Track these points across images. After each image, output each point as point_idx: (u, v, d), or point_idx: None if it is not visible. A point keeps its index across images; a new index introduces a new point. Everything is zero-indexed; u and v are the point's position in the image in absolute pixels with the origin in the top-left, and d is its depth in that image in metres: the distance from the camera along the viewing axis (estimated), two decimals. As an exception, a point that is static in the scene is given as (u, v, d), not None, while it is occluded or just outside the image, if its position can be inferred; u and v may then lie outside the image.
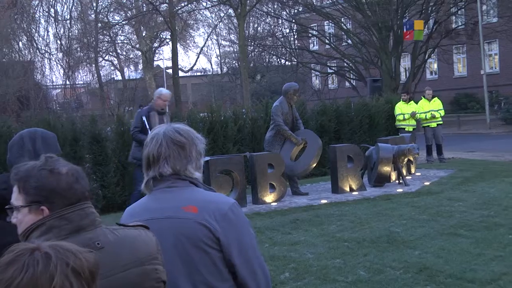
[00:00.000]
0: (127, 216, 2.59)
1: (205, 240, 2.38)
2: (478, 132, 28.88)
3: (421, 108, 15.49)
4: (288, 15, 37.17)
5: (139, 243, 2.03)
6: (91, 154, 12.01)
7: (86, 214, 1.97)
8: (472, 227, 7.77)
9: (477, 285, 5.53)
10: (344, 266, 6.41)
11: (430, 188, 10.89)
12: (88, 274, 1.37)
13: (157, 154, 2.52)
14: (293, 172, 10.90)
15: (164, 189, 2.51)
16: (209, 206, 2.44)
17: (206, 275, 2.40)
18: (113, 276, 1.89)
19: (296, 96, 10.82)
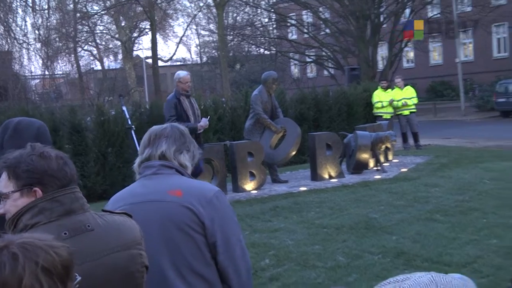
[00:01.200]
0: (114, 201, 2.61)
1: (189, 223, 2.40)
2: (454, 119, 29.12)
3: (394, 96, 15.58)
4: (267, 5, 37.08)
5: (125, 228, 2.05)
6: (71, 144, 11.90)
7: (76, 198, 1.98)
8: (448, 212, 7.85)
9: (453, 268, 5.59)
10: (324, 252, 6.44)
11: (407, 175, 10.97)
12: (61, 269, 1.33)
13: (159, 133, 2.60)
14: (272, 160, 10.92)
15: (150, 175, 2.54)
16: (194, 191, 2.46)
17: (189, 259, 2.41)
18: (102, 258, 1.90)
19: (275, 85, 10.81)
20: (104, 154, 11.94)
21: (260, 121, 10.57)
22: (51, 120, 11.82)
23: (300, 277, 5.71)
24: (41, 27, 38.50)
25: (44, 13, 38.70)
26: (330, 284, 5.51)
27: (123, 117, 9.76)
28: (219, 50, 34.91)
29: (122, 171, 11.98)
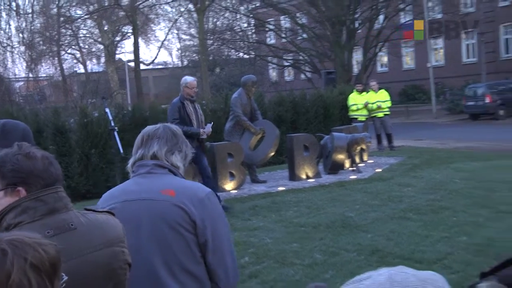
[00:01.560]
0: (106, 198, 2.60)
1: (181, 222, 2.39)
2: (425, 121, 29.33)
3: (369, 100, 15.67)
4: (246, 10, 37.07)
5: (108, 226, 2.04)
6: (55, 145, 11.83)
7: (60, 197, 1.96)
8: (420, 211, 7.90)
9: (424, 264, 5.64)
10: (301, 249, 6.46)
11: (382, 175, 11.02)
12: (49, 267, 1.32)
13: (152, 134, 2.58)
14: (252, 161, 10.92)
15: (144, 174, 2.52)
16: (186, 191, 2.45)
17: (180, 257, 2.40)
18: (85, 255, 1.89)
19: (254, 88, 10.81)
20: (87, 155, 11.86)
21: (240, 123, 10.56)
22: (35, 121, 11.72)
23: (279, 274, 5.72)
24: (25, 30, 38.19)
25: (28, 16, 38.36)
26: (307, 281, 5.51)
27: (106, 119, 9.70)
28: (200, 54, 34.83)
29: (105, 172, 11.92)
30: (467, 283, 1.12)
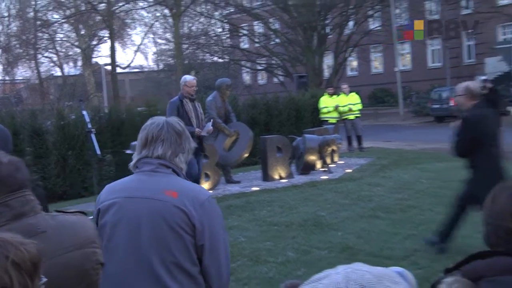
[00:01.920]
0: (108, 192, 2.56)
1: (181, 224, 2.37)
2: (393, 123, 29.56)
3: (340, 102, 15.76)
4: (220, 16, 37.01)
5: (78, 228, 2.01)
6: (32, 147, 11.68)
7: (27, 201, 1.92)
8: (389, 210, 7.96)
9: (393, 261, 5.67)
10: (275, 248, 6.46)
11: (352, 175, 11.07)
12: (30, 265, 1.30)
13: (156, 135, 2.51)
14: (226, 162, 10.90)
15: (148, 172, 2.48)
16: (188, 193, 2.43)
17: (178, 257, 2.39)
18: (55, 258, 1.86)
19: (228, 91, 10.79)
20: (64, 156, 11.73)
21: (215, 125, 10.54)
22: (12, 124, 11.53)
23: (253, 272, 5.71)
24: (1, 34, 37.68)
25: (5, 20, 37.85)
26: (280, 278, 5.52)
27: (83, 121, 9.57)
28: (175, 58, 34.68)
29: (82, 173, 11.80)
30: (433, 278, 1.14)
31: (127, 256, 2.41)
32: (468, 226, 6.96)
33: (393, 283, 1.05)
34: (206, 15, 36.67)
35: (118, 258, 2.41)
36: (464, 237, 6.54)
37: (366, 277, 1.04)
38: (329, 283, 1.04)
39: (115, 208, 2.46)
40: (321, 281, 1.06)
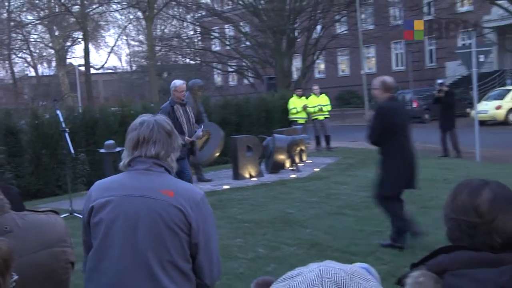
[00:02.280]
0: (101, 189, 2.50)
1: (178, 222, 2.36)
2: (359, 124, 29.71)
3: (310, 103, 15.85)
4: (192, 19, 36.82)
5: (47, 227, 1.97)
6: (6, 145, 11.50)
7: None
8: (355, 207, 8.02)
9: (359, 257, 5.71)
10: (245, 244, 6.45)
11: (319, 174, 11.13)
12: (1, 262, 1.29)
13: (148, 136, 2.47)
14: (198, 161, 10.85)
15: (142, 171, 2.45)
16: (184, 193, 2.42)
17: (173, 254, 2.38)
18: (22, 257, 1.82)
19: (200, 91, 10.75)
20: (38, 155, 11.58)
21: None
22: (-14, 123, 11.35)
23: (224, 268, 5.65)
24: (-25, 34, 36.92)
25: (-21, 21, 37.13)
26: (251, 273, 5.51)
27: (57, 120, 9.45)
28: (148, 59, 34.41)
29: (56, 171, 11.66)
30: (398, 273, 1.14)
31: (123, 253, 2.38)
32: (429, 224, 7.06)
33: (365, 280, 1.05)
34: (178, 18, 36.47)
35: (114, 255, 2.38)
36: (426, 233, 6.62)
37: (339, 274, 1.04)
38: (302, 280, 1.03)
39: (111, 206, 2.42)
40: (294, 278, 1.05)
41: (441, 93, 13.78)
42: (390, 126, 6.21)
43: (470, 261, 1.54)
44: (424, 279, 1.53)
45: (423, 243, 6.23)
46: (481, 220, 1.61)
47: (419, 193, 8.75)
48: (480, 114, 18.99)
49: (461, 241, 1.63)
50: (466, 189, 1.67)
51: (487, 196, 1.63)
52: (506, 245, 1.60)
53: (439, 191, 8.69)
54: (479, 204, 1.62)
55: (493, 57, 30.40)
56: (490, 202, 1.62)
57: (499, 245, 1.59)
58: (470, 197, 1.64)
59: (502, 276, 1.48)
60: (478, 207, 1.62)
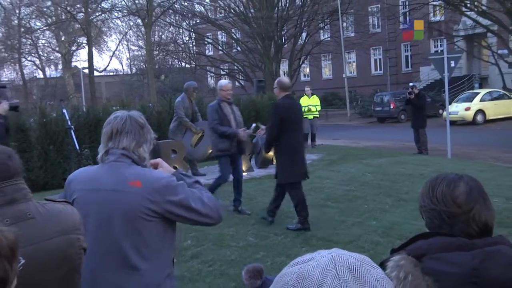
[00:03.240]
0: (77, 181, 2.48)
1: (147, 211, 2.32)
2: (341, 123, 29.86)
3: (302, 103, 15.87)
4: (187, 25, 36.74)
5: (64, 215, 1.97)
6: (16, 141, 11.48)
7: (19, 189, 1.88)
8: (338, 200, 8.02)
9: (341, 245, 5.72)
10: (236, 233, 6.45)
11: (304, 169, 11.13)
12: (8, 251, 1.27)
13: (121, 128, 2.43)
14: (193, 156, 10.82)
15: (112, 162, 2.41)
16: (151, 181, 2.36)
17: (146, 238, 2.35)
18: (40, 243, 1.83)
19: (195, 93, 10.71)
20: (46, 150, 11.57)
21: (182, 124, 10.44)
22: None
23: (217, 255, 5.69)
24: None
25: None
26: (242, 260, 5.51)
27: (63, 118, 9.40)
28: (147, 63, 34.30)
29: (62, 166, 11.65)
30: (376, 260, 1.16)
31: (97, 246, 2.32)
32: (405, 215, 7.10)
33: (372, 267, 1.06)
34: (174, 25, 36.41)
35: (89, 249, 2.31)
36: (401, 224, 6.66)
37: (350, 260, 1.04)
38: (316, 265, 1.03)
39: (82, 201, 2.38)
40: (308, 263, 1.05)
41: (412, 95, 13.84)
42: (286, 121, 6.51)
43: (446, 245, 1.56)
44: (405, 262, 1.54)
45: (400, 232, 6.26)
46: (460, 210, 1.63)
47: (397, 187, 8.82)
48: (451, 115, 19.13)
49: (440, 229, 1.65)
50: (444, 182, 1.68)
51: (463, 188, 1.65)
52: (482, 232, 1.62)
53: (415, 185, 8.71)
54: (457, 195, 1.64)
55: (462, 63, 30.57)
56: (466, 194, 1.64)
57: (475, 233, 1.62)
58: (448, 189, 1.66)
59: (475, 258, 1.50)
60: (457, 198, 1.64)
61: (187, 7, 34.18)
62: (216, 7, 36.57)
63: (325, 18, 32.76)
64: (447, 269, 1.51)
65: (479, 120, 24.12)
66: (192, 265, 5.45)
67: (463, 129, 21.94)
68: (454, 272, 1.50)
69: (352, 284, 0.99)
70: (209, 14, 35.78)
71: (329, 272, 1.00)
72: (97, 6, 35.01)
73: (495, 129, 22.04)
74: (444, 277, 1.51)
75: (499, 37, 25.16)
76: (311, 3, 31.04)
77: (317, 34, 34.80)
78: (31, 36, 37.74)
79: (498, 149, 15.42)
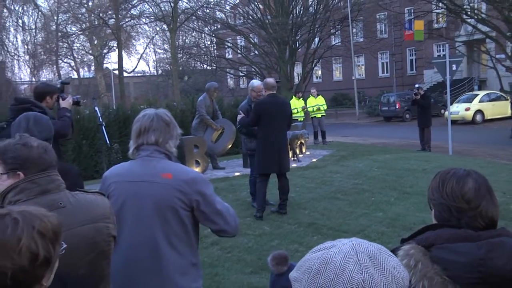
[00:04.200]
0: (113, 175, 2.50)
1: (177, 201, 2.35)
2: (350, 122, 29.72)
3: (309, 103, 15.78)
4: (209, 31, 36.77)
5: (94, 205, 1.98)
6: (53, 136, 11.57)
7: (52, 180, 1.91)
8: (347, 192, 7.96)
9: (349, 234, 5.68)
10: (253, 223, 6.42)
11: (317, 164, 11.06)
12: (52, 234, 1.29)
13: (148, 126, 2.46)
14: (213, 151, 10.81)
15: (145, 157, 2.44)
16: (182, 174, 2.40)
17: (175, 228, 2.37)
18: (71, 230, 1.84)
19: (216, 92, 10.68)
20: (79, 145, 11.67)
21: (204, 121, 10.43)
22: (36, 117, 11.41)
23: (235, 242, 5.67)
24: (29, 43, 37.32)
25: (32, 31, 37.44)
26: (258, 247, 5.49)
27: (95, 115, 9.45)
28: (172, 65, 34.41)
29: (94, 159, 11.74)
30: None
31: (132, 233, 2.36)
32: (409, 207, 7.02)
33: (389, 255, 1.05)
34: (197, 30, 36.42)
35: (125, 236, 2.36)
36: (405, 215, 6.58)
37: (370, 248, 1.04)
38: (338, 251, 1.03)
39: (118, 192, 2.41)
40: (330, 249, 1.05)
41: (418, 96, 13.67)
42: (263, 117, 6.60)
43: (453, 236, 1.55)
44: (414, 251, 1.55)
45: (404, 223, 6.19)
46: (468, 206, 1.60)
47: (401, 181, 8.73)
48: (452, 115, 18.90)
49: (448, 222, 1.63)
50: (453, 178, 1.65)
51: (472, 185, 1.62)
52: (487, 226, 1.60)
53: (418, 179, 8.62)
54: (466, 192, 1.61)
55: (463, 66, 30.21)
56: (475, 190, 1.61)
57: (482, 227, 1.60)
58: (458, 186, 1.63)
59: (480, 249, 1.49)
60: (466, 194, 1.61)
61: (209, 14, 34.21)
62: (235, 14, 36.52)
63: (336, 25, 32.54)
64: (454, 258, 1.51)
65: (478, 119, 23.89)
66: (212, 252, 5.44)
67: (463, 128, 21.69)
68: (461, 261, 1.50)
69: (372, 270, 1.00)
70: (229, 21, 35.73)
71: (351, 258, 1.01)
72: (127, 13, 35.24)
73: (492, 128, 21.76)
74: (451, 265, 1.51)
75: (497, 42, 24.85)
76: (324, 11, 30.87)
77: (329, 39, 34.58)
78: (67, 40, 38.16)
79: (495, 146, 15.24)
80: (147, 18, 35.17)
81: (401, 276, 1.03)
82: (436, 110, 25.40)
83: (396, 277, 1.01)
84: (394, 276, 1.01)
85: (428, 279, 1.50)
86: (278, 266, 3.29)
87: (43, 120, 2.92)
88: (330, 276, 0.99)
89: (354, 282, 0.97)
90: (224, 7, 35.43)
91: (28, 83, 41.47)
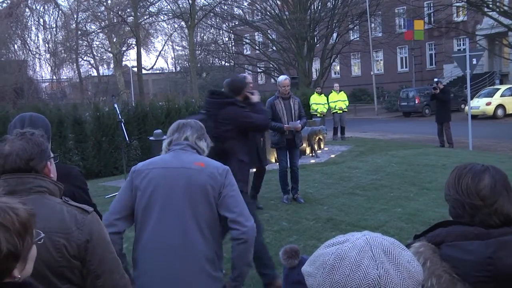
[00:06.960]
0: (146, 164, 2.64)
1: (208, 186, 2.50)
2: (369, 117, 29.50)
3: (331, 99, 15.75)
4: (227, 27, 36.81)
5: (54, 217, 1.85)
6: (73, 133, 11.73)
7: (22, 183, 1.85)
8: (365, 188, 7.93)
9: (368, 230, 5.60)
10: (271, 218, 6.43)
11: (335, 159, 11.02)
12: (19, 226, 1.29)
13: (186, 123, 2.74)
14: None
15: (178, 150, 2.63)
16: (213, 164, 2.59)
17: (205, 213, 2.50)
18: None
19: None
20: (99, 141, 11.78)
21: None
22: (58, 115, 11.57)
23: (253, 238, 5.67)
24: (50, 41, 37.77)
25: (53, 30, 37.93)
26: (276, 243, 5.49)
27: (114, 113, 9.55)
28: (190, 61, 34.51)
29: (113, 155, 11.84)
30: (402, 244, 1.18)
31: (164, 214, 2.48)
32: (428, 203, 6.96)
33: (402, 249, 1.06)
34: (215, 27, 36.51)
35: (154, 217, 2.49)
36: (424, 211, 6.53)
37: (384, 243, 1.04)
38: (352, 246, 1.03)
39: (152, 176, 2.53)
40: (343, 244, 1.05)
41: (437, 90, 13.44)
42: None
43: (463, 234, 1.54)
44: (424, 249, 1.55)
45: (423, 219, 6.14)
46: (483, 203, 1.59)
47: (420, 176, 8.66)
48: (472, 110, 18.65)
49: (462, 219, 1.62)
50: (469, 173, 1.63)
51: (488, 181, 1.60)
52: (503, 224, 1.58)
53: (438, 175, 8.54)
54: (482, 189, 1.59)
55: (484, 60, 29.74)
56: (490, 187, 1.59)
57: (496, 224, 1.58)
58: (473, 182, 1.61)
59: (489, 248, 1.49)
60: (481, 191, 1.59)
61: (227, 10, 34.24)
62: (253, 10, 36.46)
63: (355, 20, 32.30)
64: (463, 257, 1.50)
65: (499, 114, 23.51)
66: (230, 247, 5.46)
67: (484, 123, 21.37)
68: (469, 259, 1.49)
69: (387, 265, 1.00)
70: (247, 17, 35.73)
71: (366, 253, 1.01)
72: (145, 10, 35.45)
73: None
74: (460, 264, 1.50)
75: (520, 35, 24.38)
76: (342, 6, 30.66)
77: (347, 34, 34.33)
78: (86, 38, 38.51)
79: (518, 141, 14.96)
80: (165, 15, 35.35)
81: (416, 271, 1.03)
82: (456, 105, 25.09)
83: (410, 271, 1.01)
84: (409, 271, 1.01)
85: (436, 276, 1.50)
86: (289, 260, 3.32)
87: (39, 120, 2.92)
88: (345, 272, 0.99)
89: (370, 278, 0.97)
90: (242, 4, 35.42)
91: (48, 81, 41.99)
